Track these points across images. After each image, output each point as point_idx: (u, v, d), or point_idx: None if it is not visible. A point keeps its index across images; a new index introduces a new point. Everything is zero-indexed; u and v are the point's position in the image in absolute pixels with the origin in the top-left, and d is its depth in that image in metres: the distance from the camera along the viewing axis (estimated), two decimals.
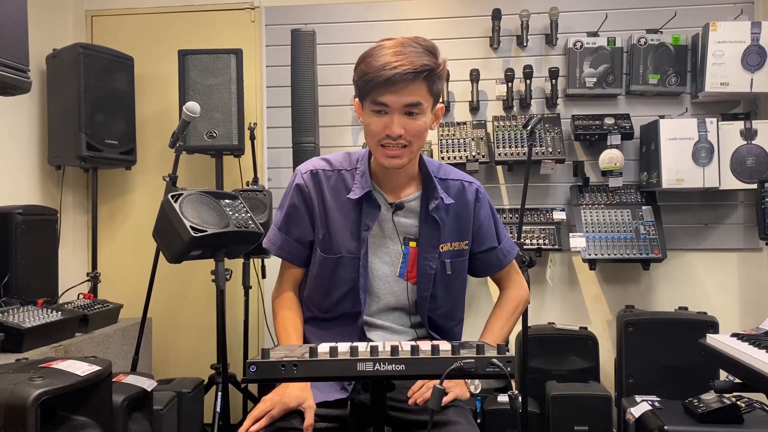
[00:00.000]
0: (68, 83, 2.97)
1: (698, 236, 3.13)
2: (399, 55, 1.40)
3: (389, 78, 1.39)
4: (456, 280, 1.65)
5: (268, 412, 1.42)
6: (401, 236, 1.59)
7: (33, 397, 1.41)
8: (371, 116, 1.46)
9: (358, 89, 1.49)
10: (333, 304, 1.61)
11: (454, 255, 1.62)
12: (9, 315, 2.16)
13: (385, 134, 1.45)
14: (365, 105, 1.48)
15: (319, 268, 1.60)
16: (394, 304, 1.61)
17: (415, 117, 1.45)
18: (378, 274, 1.59)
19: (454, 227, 1.62)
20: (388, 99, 1.42)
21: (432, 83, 1.44)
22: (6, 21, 1.59)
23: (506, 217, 3.13)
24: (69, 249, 3.31)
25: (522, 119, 3.10)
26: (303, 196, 1.60)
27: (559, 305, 3.22)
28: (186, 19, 3.45)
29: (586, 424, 2.58)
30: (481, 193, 1.66)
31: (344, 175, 1.60)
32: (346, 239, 1.57)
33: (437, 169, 1.64)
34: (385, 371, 1.09)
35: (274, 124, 3.35)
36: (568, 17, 3.19)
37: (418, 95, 1.43)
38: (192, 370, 3.05)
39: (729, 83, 2.91)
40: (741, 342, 1.57)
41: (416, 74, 1.40)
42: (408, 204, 1.59)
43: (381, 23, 3.28)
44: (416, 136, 1.47)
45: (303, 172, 1.62)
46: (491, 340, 1.63)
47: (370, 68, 1.42)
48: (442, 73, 1.47)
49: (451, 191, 1.62)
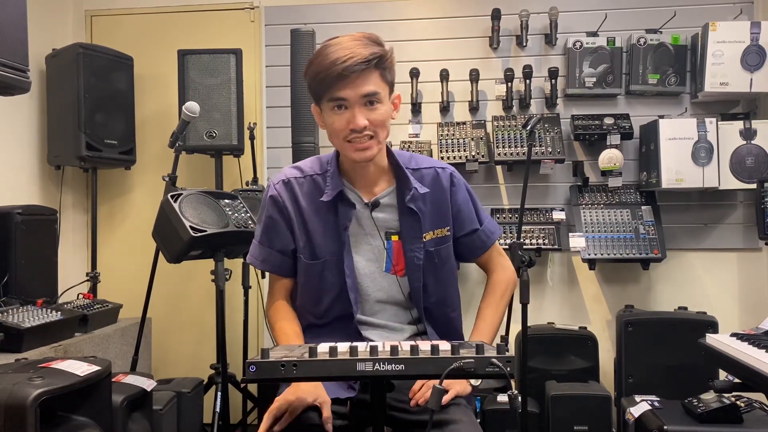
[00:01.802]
0: (68, 83, 2.97)
1: (698, 236, 3.13)
2: (346, 49, 1.43)
3: (341, 72, 1.41)
4: (443, 267, 1.65)
5: (287, 410, 1.42)
6: (382, 231, 1.59)
7: (32, 397, 1.41)
8: (332, 115, 1.48)
9: (313, 92, 1.51)
10: (326, 309, 1.61)
11: (437, 243, 1.63)
12: (8, 315, 2.16)
13: (349, 129, 1.47)
14: (323, 105, 1.50)
15: (306, 275, 1.61)
16: (385, 299, 1.62)
17: (375, 107, 1.47)
18: (364, 272, 1.60)
19: (434, 215, 1.62)
20: (346, 93, 1.44)
21: (384, 70, 1.48)
22: (5, 21, 1.59)
23: (506, 217, 3.13)
24: (68, 249, 3.31)
25: (521, 119, 3.10)
26: (278, 206, 1.61)
27: (559, 305, 3.22)
28: (185, 19, 3.45)
29: (586, 423, 2.58)
30: (455, 178, 1.66)
31: (316, 179, 1.61)
32: (328, 242, 1.58)
33: (408, 160, 1.64)
34: (385, 371, 1.09)
35: (273, 124, 3.34)
36: (567, 17, 3.19)
37: (373, 84, 1.46)
38: (191, 370, 3.06)
39: (728, 83, 2.91)
40: (740, 342, 1.57)
41: (367, 63, 1.43)
42: (383, 200, 1.59)
43: (381, 23, 3.28)
44: (380, 125, 1.49)
45: (275, 183, 1.63)
46: (484, 328, 1.64)
47: (321, 67, 1.44)
48: (391, 60, 1.50)
49: (425, 180, 1.62)
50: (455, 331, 1.71)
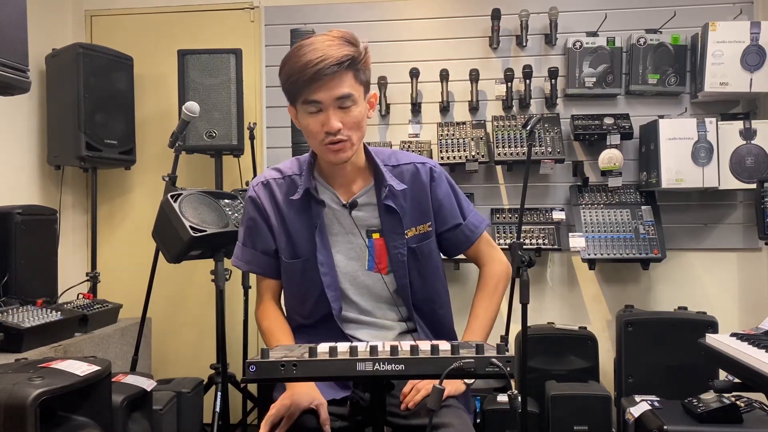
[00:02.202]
0: (68, 83, 2.97)
1: (698, 236, 3.13)
2: (318, 51, 1.42)
3: (314, 75, 1.40)
4: (428, 264, 1.64)
5: (285, 416, 1.42)
6: (362, 230, 1.59)
7: (32, 397, 1.41)
8: (307, 117, 1.48)
9: (287, 93, 1.50)
10: (311, 308, 1.61)
11: (419, 239, 1.62)
12: (8, 315, 2.16)
13: (324, 131, 1.46)
14: (298, 108, 1.49)
15: (288, 275, 1.62)
16: (369, 297, 1.61)
17: (349, 109, 1.46)
18: (345, 271, 1.60)
19: (415, 211, 1.61)
20: (319, 96, 1.43)
21: (357, 71, 1.46)
22: (5, 21, 1.59)
23: (506, 216, 3.13)
24: (68, 249, 3.31)
25: (521, 119, 3.10)
26: (257, 207, 1.62)
27: (559, 305, 3.22)
28: (185, 19, 3.45)
29: (586, 423, 2.58)
30: (436, 172, 1.64)
31: (295, 179, 1.61)
32: (305, 241, 1.58)
33: (388, 157, 1.64)
34: (385, 371, 1.09)
35: (273, 123, 3.34)
36: (567, 17, 3.19)
37: (346, 86, 1.44)
38: (191, 370, 3.05)
39: (728, 83, 2.91)
40: (740, 342, 1.57)
41: (339, 65, 1.41)
42: (361, 198, 1.59)
43: (380, 23, 3.28)
44: (354, 127, 1.48)
45: (254, 185, 1.64)
46: (477, 327, 1.63)
47: (294, 70, 1.43)
48: (366, 60, 1.49)
49: (405, 176, 1.61)
50: (445, 327, 1.69)
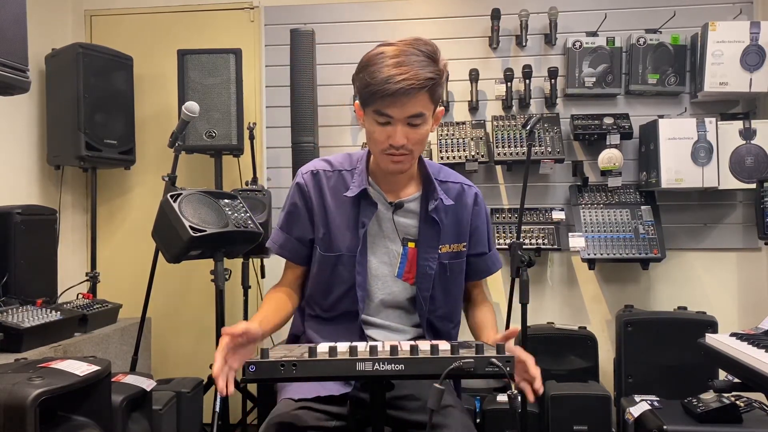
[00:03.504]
0: (67, 83, 2.97)
1: (697, 236, 3.13)
2: (402, 66, 1.40)
3: (393, 93, 1.39)
4: (454, 282, 1.66)
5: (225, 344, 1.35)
6: (401, 236, 1.60)
7: (32, 397, 1.41)
8: (374, 125, 1.48)
9: (359, 95, 1.50)
10: (333, 302, 1.63)
11: (452, 257, 1.64)
12: (8, 315, 2.15)
13: (388, 144, 1.47)
14: (367, 112, 1.49)
15: (319, 267, 1.63)
16: (392, 303, 1.63)
17: (418, 126, 1.47)
18: (376, 274, 1.61)
19: (453, 229, 1.64)
20: (392, 111, 1.43)
21: (434, 92, 1.46)
22: (5, 21, 1.59)
23: (505, 216, 3.13)
24: (68, 249, 3.31)
25: (521, 119, 3.10)
26: (303, 195, 1.63)
27: (559, 305, 3.22)
28: (185, 18, 3.45)
29: (586, 423, 2.58)
30: (479, 198, 1.70)
31: (344, 175, 1.63)
32: (346, 237, 1.59)
33: (437, 172, 1.66)
34: (384, 371, 1.09)
35: (273, 123, 3.34)
36: (567, 17, 3.19)
37: (420, 107, 1.44)
38: (191, 369, 3.05)
39: (728, 83, 2.91)
40: (740, 342, 1.57)
41: (420, 88, 1.41)
42: (408, 204, 1.61)
43: (380, 23, 3.28)
44: (418, 143, 1.50)
45: (304, 173, 1.65)
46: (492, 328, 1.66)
47: (373, 80, 1.41)
48: (444, 79, 1.48)
49: (450, 193, 1.64)
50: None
